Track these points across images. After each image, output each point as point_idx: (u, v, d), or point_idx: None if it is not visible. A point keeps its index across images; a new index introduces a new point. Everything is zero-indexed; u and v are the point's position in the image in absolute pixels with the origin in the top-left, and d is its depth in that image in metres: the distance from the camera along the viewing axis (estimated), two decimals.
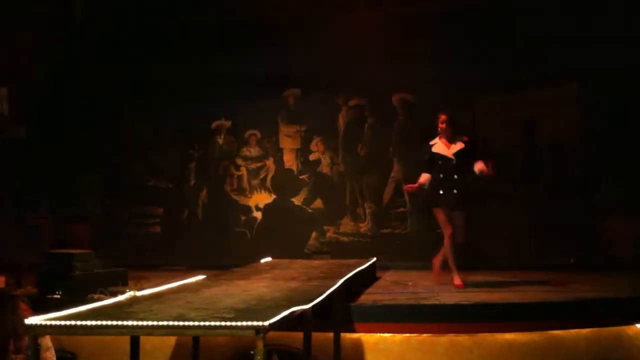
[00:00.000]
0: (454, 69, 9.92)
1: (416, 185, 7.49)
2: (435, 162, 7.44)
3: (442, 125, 7.43)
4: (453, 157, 7.38)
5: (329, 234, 10.68)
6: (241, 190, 10.97)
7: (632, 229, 9.50)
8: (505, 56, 9.93)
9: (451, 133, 7.44)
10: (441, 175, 7.39)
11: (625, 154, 9.79)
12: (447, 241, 7.39)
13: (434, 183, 7.42)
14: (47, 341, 5.76)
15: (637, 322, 6.34)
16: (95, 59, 10.67)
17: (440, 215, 7.39)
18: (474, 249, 9.84)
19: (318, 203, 10.79)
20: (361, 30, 9.99)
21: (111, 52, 10.64)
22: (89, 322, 3.69)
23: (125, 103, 10.82)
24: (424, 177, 7.46)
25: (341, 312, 5.93)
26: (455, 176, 7.36)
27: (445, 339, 6.23)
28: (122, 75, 10.66)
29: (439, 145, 7.48)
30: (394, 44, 10.01)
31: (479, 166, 7.30)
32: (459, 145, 7.41)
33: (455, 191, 7.33)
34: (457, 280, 7.37)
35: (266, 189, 10.92)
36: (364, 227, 10.61)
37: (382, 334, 6.26)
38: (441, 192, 7.36)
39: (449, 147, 7.43)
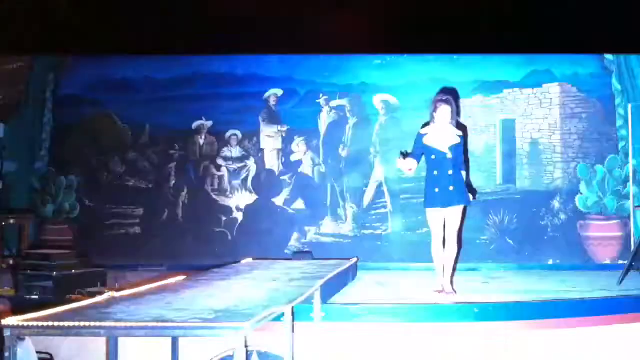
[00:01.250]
0: (435, 70, 9.97)
1: (407, 166, 6.72)
2: (426, 156, 6.74)
3: (437, 106, 6.71)
4: (448, 152, 6.67)
5: (310, 235, 10.67)
6: (222, 191, 10.94)
7: (610, 231, 9.59)
8: (486, 57, 9.98)
9: (449, 120, 6.72)
10: (435, 172, 6.70)
11: (605, 157, 9.88)
12: (433, 243, 6.78)
13: (428, 181, 6.75)
14: (28, 345, 5.69)
15: (614, 323, 6.39)
16: (74, 59, 10.58)
17: (432, 217, 6.77)
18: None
19: (299, 203, 10.78)
20: (344, 31, 9.98)
21: (90, 50, 10.54)
22: (66, 323, 3.66)
23: (105, 102, 10.73)
24: (402, 163, 6.72)
25: (321, 313, 5.92)
26: (450, 172, 6.65)
27: (425, 339, 6.25)
28: (101, 74, 10.58)
29: (431, 137, 6.72)
30: (377, 44, 10.01)
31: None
32: (454, 140, 6.71)
33: (451, 188, 6.64)
34: (444, 287, 6.85)
35: (247, 190, 10.89)
36: (345, 227, 10.61)
37: (362, 334, 6.26)
38: (437, 190, 6.67)
39: (442, 140, 6.70)
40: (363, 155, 10.67)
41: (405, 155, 6.84)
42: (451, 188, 6.66)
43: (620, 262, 9.13)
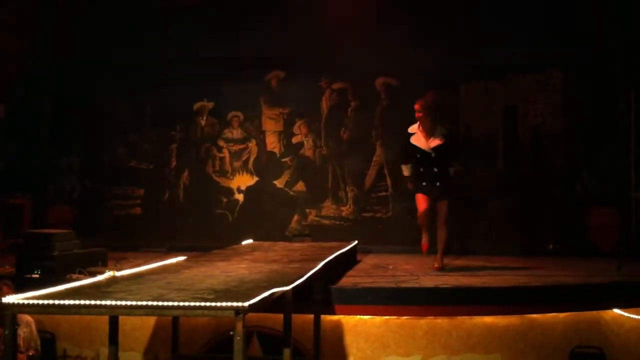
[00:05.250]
0: (438, 54, 9.92)
1: (410, 185, 7.44)
2: (413, 154, 7.27)
3: (417, 114, 7.17)
4: (432, 152, 7.15)
5: (310, 217, 10.68)
6: (223, 172, 10.93)
7: (611, 218, 9.58)
8: (489, 42, 9.93)
9: (430, 123, 7.15)
10: (421, 169, 7.25)
11: (607, 143, 9.86)
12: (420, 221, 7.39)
13: (415, 174, 7.32)
14: (26, 318, 5.74)
15: (614, 307, 6.41)
16: (76, 39, 10.53)
17: (419, 199, 7.27)
18: (455, 234, 9.97)
19: (300, 186, 10.78)
20: (346, 14, 9.93)
21: (92, 32, 10.51)
22: (66, 302, 3.68)
23: (106, 83, 10.70)
24: (407, 169, 7.39)
25: (321, 295, 5.94)
26: (436, 169, 7.18)
27: (425, 322, 6.28)
28: (103, 55, 10.54)
29: (417, 137, 7.24)
30: (379, 28, 9.98)
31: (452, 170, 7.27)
32: (438, 140, 7.14)
33: (438, 184, 7.18)
34: (436, 263, 7.41)
35: (248, 171, 10.88)
36: (345, 210, 10.61)
37: (361, 316, 6.30)
38: (424, 184, 7.23)
39: (427, 140, 7.17)
40: (365, 138, 10.65)
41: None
42: (438, 184, 7.19)
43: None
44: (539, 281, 6.70)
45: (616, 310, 6.41)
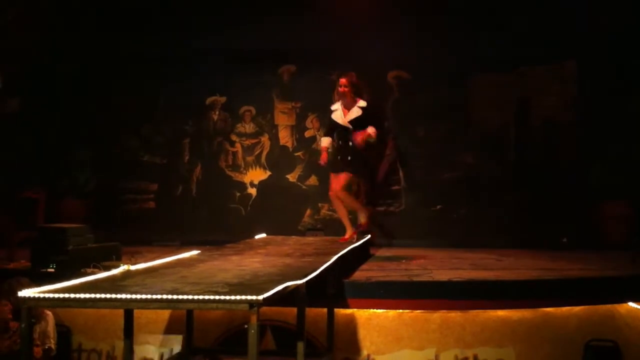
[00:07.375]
0: (450, 46, 9.89)
1: (324, 154, 7.82)
2: (334, 129, 7.73)
3: (342, 89, 7.63)
4: (349, 125, 7.56)
5: (323, 211, 10.68)
6: (236, 167, 10.95)
7: (624, 210, 9.53)
8: (501, 34, 9.88)
9: (351, 98, 7.62)
10: (340, 142, 7.69)
11: (619, 135, 9.80)
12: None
13: (335, 149, 7.77)
14: (45, 312, 5.79)
15: (629, 301, 6.38)
16: (89, 33, 10.56)
17: (331, 177, 7.74)
18: (466, 227, 9.97)
19: (313, 180, 10.78)
20: (357, 7, 9.91)
21: (105, 25, 10.53)
22: (82, 295, 3.70)
23: (119, 77, 10.73)
24: (325, 141, 7.88)
25: (335, 288, 5.95)
26: (350, 143, 7.58)
27: (438, 316, 6.27)
28: (116, 49, 10.56)
29: (337, 113, 7.68)
30: (390, 21, 9.94)
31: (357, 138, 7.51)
32: (354, 113, 7.57)
33: (348, 157, 7.58)
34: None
35: (261, 166, 10.90)
36: None
37: (375, 310, 6.30)
38: (339, 157, 7.67)
39: (345, 115, 7.62)
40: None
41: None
42: (348, 158, 7.59)
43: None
44: (552, 275, 6.68)
45: (631, 304, 6.38)
